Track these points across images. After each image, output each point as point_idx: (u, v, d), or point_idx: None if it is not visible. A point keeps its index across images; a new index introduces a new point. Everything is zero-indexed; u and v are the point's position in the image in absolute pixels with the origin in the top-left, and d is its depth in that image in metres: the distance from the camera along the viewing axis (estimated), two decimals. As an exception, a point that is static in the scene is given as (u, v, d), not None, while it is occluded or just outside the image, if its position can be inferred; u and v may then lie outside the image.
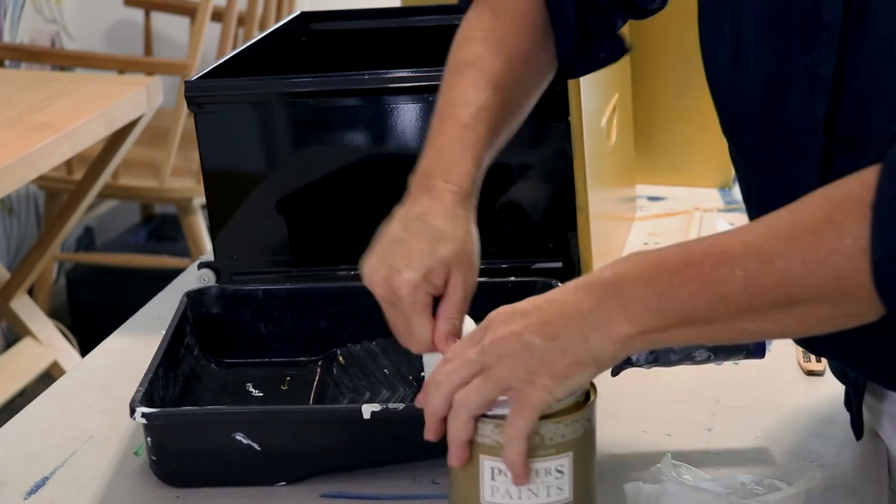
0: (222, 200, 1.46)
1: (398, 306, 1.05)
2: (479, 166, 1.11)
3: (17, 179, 2.16)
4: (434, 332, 1.05)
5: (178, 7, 3.55)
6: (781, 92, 1.02)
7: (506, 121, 1.15)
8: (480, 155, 1.11)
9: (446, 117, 1.12)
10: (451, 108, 1.12)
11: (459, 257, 1.06)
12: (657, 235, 1.70)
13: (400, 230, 1.08)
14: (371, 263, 1.08)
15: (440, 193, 1.08)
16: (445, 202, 1.08)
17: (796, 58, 1.00)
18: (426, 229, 1.07)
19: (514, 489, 0.96)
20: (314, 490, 1.12)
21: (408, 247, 1.06)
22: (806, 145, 1.01)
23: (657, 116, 1.83)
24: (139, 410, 1.10)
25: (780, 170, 1.04)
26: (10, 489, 1.15)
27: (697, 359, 1.21)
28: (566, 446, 0.95)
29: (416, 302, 1.05)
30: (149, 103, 2.51)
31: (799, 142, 1.02)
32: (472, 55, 1.15)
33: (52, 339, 2.84)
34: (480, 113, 1.11)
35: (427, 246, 1.05)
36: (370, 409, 1.09)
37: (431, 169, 1.10)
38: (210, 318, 1.33)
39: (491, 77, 1.13)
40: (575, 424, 0.96)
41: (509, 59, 1.15)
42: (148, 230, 3.71)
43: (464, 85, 1.13)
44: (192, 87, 1.42)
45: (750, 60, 1.04)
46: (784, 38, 1.00)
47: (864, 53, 0.95)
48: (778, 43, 1.01)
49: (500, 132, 1.14)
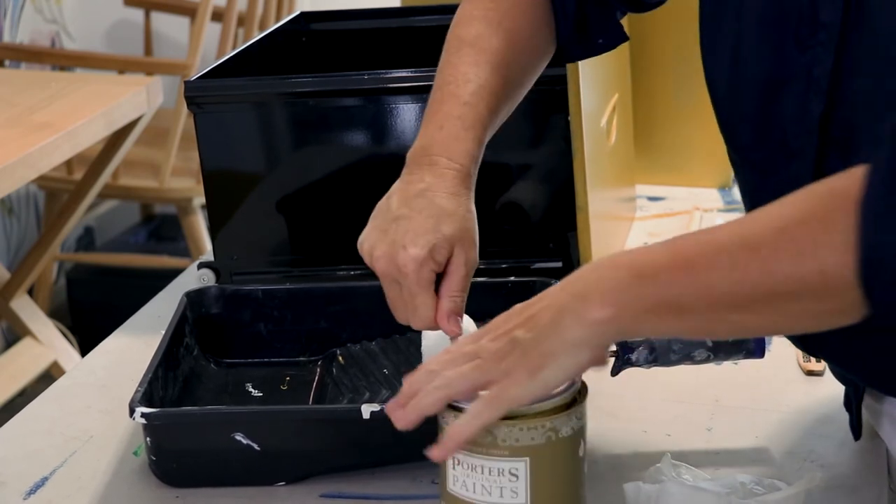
0: (222, 200, 1.46)
1: (401, 283, 1.05)
2: (479, 145, 1.11)
3: (17, 179, 2.16)
4: (437, 309, 1.05)
5: (178, 7, 3.55)
6: (777, 92, 1.02)
7: (505, 99, 1.14)
8: (481, 134, 1.11)
9: (446, 94, 1.12)
10: (450, 85, 1.12)
11: (462, 235, 1.06)
12: (657, 235, 1.70)
13: (401, 206, 1.07)
14: (371, 239, 1.07)
15: (442, 171, 1.08)
16: (447, 179, 1.08)
17: (792, 58, 0.99)
18: (429, 206, 1.06)
19: (470, 482, 0.96)
20: (314, 490, 1.12)
21: (411, 223, 1.05)
22: (800, 146, 1.01)
23: (657, 116, 1.83)
24: (139, 410, 1.10)
25: (774, 170, 1.04)
26: (9, 489, 1.15)
27: (697, 359, 1.21)
28: (521, 451, 0.95)
29: (422, 278, 1.04)
30: (149, 103, 2.51)
31: (793, 143, 1.01)
32: (472, 34, 1.15)
33: (52, 339, 2.84)
34: (481, 91, 1.11)
35: (431, 223, 1.05)
36: (370, 409, 1.09)
37: (432, 145, 1.10)
38: (210, 318, 1.33)
39: (491, 56, 1.13)
40: (532, 431, 0.95)
41: (509, 38, 1.14)
42: (148, 230, 3.71)
43: (464, 63, 1.13)
44: (192, 87, 1.42)
45: (749, 61, 1.04)
46: (781, 39, 1.00)
47: (861, 54, 0.95)
48: (775, 43, 1.00)
49: (499, 111, 1.14)
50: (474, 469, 0.96)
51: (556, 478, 0.97)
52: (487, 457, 0.95)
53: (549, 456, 0.96)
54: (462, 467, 0.96)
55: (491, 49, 1.13)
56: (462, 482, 0.97)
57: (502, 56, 1.13)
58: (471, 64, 1.13)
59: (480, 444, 0.95)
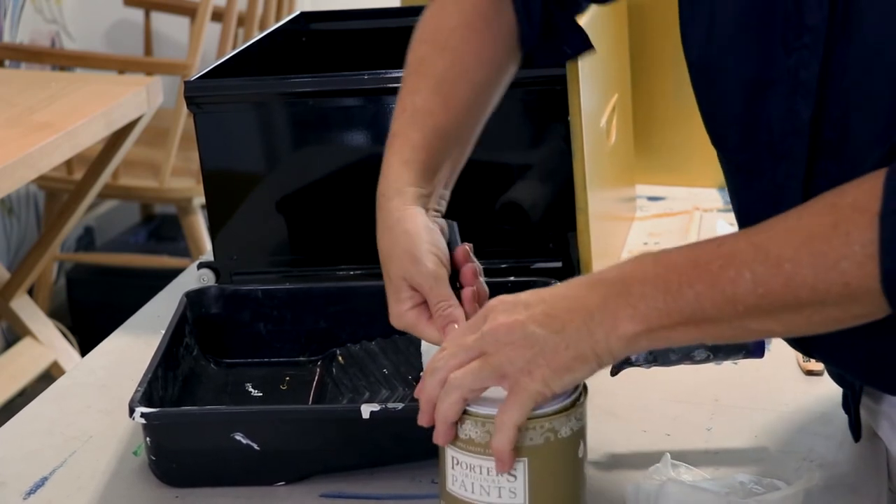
0: (222, 200, 1.46)
1: None
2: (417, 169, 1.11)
3: (17, 179, 2.16)
4: None
5: (178, 7, 3.55)
6: (762, 94, 1.02)
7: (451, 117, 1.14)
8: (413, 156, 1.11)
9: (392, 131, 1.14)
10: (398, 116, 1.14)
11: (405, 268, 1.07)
12: (657, 235, 1.70)
13: None
14: None
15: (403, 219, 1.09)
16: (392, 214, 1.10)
17: (778, 60, 1.00)
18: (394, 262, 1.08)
19: (468, 482, 0.96)
20: (313, 490, 1.12)
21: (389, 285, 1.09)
22: (788, 148, 1.01)
23: (657, 116, 1.83)
24: (138, 410, 1.10)
25: (760, 171, 1.05)
26: (9, 489, 1.15)
27: (696, 358, 1.21)
28: (519, 451, 0.95)
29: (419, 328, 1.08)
30: (149, 103, 2.51)
31: (781, 145, 1.02)
32: (417, 58, 1.17)
33: (52, 339, 2.84)
34: (414, 117, 1.13)
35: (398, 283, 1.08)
36: (369, 409, 1.09)
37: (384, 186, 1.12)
38: (210, 318, 1.33)
39: (431, 80, 1.14)
40: (531, 431, 0.95)
41: (454, 58, 1.15)
42: (148, 230, 3.71)
43: (405, 91, 1.15)
44: (192, 87, 1.42)
45: (728, 59, 1.04)
46: (765, 40, 1.00)
47: (849, 57, 0.95)
48: (759, 45, 1.01)
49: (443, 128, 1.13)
50: (473, 469, 0.96)
51: (554, 478, 0.97)
52: (486, 457, 0.95)
53: (548, 456, 0.96)
54: (461, 467, 0.96)
55: (432, 73, 1.14)
56: (461, 482, 0.97)
57: (444, 76, 1.14)
58: (409, 91, 1.14)
59: (479, 444, 0.95)
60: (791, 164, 1.01)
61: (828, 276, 0.87)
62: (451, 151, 1.14)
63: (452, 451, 0.97)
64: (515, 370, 0.93)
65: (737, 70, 1.03)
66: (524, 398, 0.93)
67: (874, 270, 0.86)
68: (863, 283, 0.87)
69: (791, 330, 0.94)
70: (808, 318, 0.90)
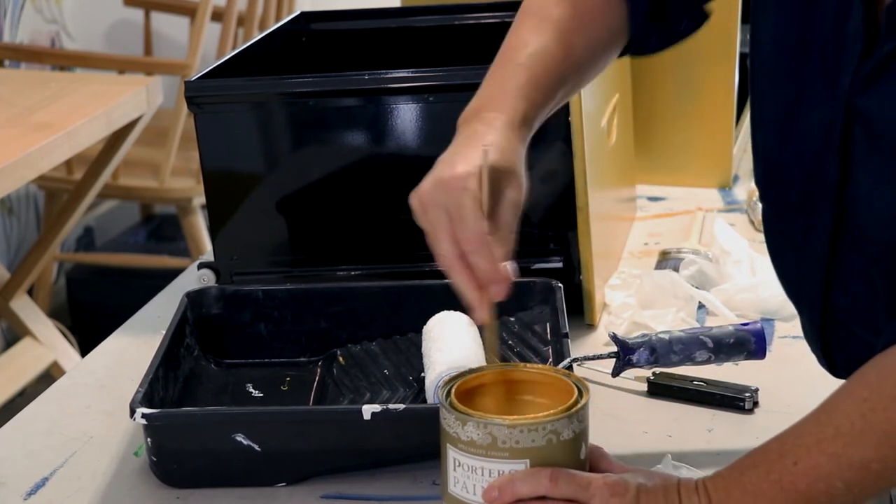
0: (222, 200, 1.46)
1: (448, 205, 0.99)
2: (532, 104, 1.08)
3: (17, 179, 2.16)
4: None
5: (178, 7, 3.55)
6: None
7: (568, 67, 1.12)
8: (534, 94, 1.08)
9: (502, 60, 1.11)
10: (508, 51, 1.11)
11: (508, 168, 1.03)
12: (657, 235, 1.70)
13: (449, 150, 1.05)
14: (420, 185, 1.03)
15: (490, 121, 1.05)
16: (495, 127, 1.05)
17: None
18: (476, 140, 1.03)
19: (469, 484, 0.96)
20: (314, 491, 1.12)
21: (457, 153, 1.03)
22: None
23: (657, 116, 1.83)
24: (139, 411, 1.10)
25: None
26: (9, 489, 1.15)
27: (697, 359, 1.21)
28: (521, 453, 0.95)
29: (470, 190, 0.99)
30: (149, 103, 2.50)
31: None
32: (537, 3, 1.14)
33: (52, 339, 2.84)
34: (537, 55, 1.09)
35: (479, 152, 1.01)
36: (370, 410, 1.09)
37: (481, 104, 1.08)
38: (210, 318, 1.33)
39: (552, 24, 1.11)
40: (533, 433, 0.95)
41: (575, 8, 1.13)
42: (148, 230, 3.71)
43: (524, 30, 1.12)
44: (192, 87, 1.42)
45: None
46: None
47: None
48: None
49: (560, 77, 1.11)
50: (474, 471, 0.96)
51: None
52: (487, 458, 0.95)
53: (551, 458, 0.96)
54: (462, 469, 0.96)
55: (553, 17, 1.11)
56: (462, 484, 0.97)
57: (565, 24, 1.11)
58: (530, 30, 1.11)
59: (480, 446, 0.95)
60: None
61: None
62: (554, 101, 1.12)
63: (454, 452, 0.97)
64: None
65: None
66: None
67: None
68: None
69: None
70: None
